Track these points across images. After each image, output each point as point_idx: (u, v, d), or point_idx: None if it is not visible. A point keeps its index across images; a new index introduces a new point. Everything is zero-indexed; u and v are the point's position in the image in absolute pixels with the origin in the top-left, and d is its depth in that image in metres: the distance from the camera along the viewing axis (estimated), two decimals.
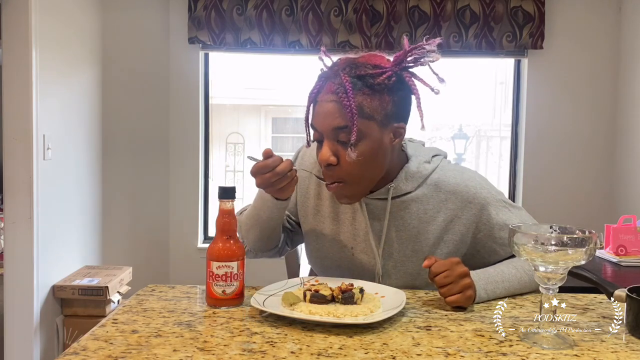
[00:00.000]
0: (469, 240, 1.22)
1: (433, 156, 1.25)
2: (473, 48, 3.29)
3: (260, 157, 1.09)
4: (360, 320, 0.94)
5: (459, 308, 1.07)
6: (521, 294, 1.17)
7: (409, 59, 1.08)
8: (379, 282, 1.22)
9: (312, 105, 1.12)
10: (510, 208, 1.23)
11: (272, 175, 1.07)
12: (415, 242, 1.20)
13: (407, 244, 1.20)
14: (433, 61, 1.07)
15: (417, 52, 1.07)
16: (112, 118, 3.37)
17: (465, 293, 1.05)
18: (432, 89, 1.07)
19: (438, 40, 1.07)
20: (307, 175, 1.29)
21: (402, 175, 1.19)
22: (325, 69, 1.13)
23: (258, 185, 1.11)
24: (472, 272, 1.09)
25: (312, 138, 1.14)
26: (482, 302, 1.10)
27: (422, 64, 1.07)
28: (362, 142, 1.07)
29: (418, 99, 1.09)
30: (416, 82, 1.09)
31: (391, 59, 1.11)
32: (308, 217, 1.30)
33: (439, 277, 1.06)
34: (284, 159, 1.09)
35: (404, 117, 1.14)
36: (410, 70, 1.09)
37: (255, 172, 1.09)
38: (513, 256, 1.22)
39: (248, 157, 1.10)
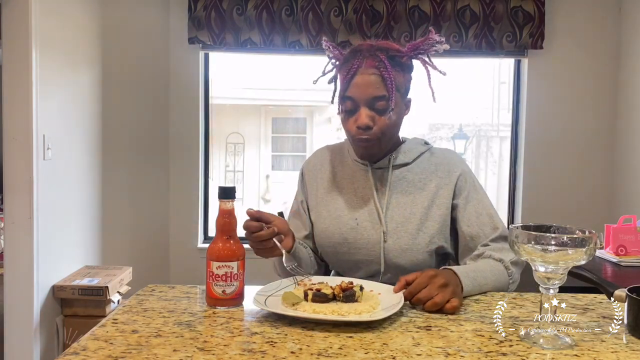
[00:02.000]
0: (451, 203, 1.38)
1: (425, 143, 1.48)
2: (473, 48, 3.29)
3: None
4: (365, 317, 0.95)
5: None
6: (495, 288, 1.20)
7: (422, 46, 1.31)
8: (384, 242, 1.33)
9: (351, 78, 1.29)
10: (480, 191, 1.40)
11: (251, 239, 1.18)
12: (412, 206, 1.36)
13: (405, 207, 1.36)
14: (445, 50, 1.30)
15: (430, 41, 1.30)
16: (112, 118, 3.37)
17: (458, 294, 1.07)
18: (441, 72, 1.32)
19: (445, 44, 1.30)
20: (310, 177, 1.48)
21: (401, 149, 1.41)
22: (331, 55, 1.37)
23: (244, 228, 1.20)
24: (447, 267, 1.16)
25: (345, 108, 1.32)
26: (470, 294, 1.14)
27: (435, 51, 1.31)
28: (394, 109, 1.30)
29: (429, 78, 1.33)
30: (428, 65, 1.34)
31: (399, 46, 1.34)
32: (315, 208, 1.45)
33: (422, 293, 1.04)
34: (271, 223, 1.19)
35: (409, 92, 1.38)
36: (421, 56, 1.32)
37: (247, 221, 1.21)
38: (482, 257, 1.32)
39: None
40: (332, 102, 1.37)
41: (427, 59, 1.32)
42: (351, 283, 1.07)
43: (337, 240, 1.38)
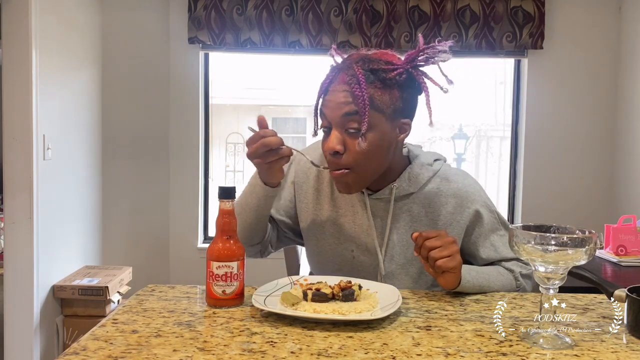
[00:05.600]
0: (461, 241, 1.26)
1: (435, 160, 1.28)
2: (473, 48, 3.29)
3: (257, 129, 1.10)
4: (366, 316, 0.95)
5: (448, 296, 1.08)
6: (498, 291, 1.19)
7: (420, 57, 1.10)
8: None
9: (323, 95, 1.13)
10: (499, 225, 1.28)
11: (261, 145, 1.06)
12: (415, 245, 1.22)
13: (409, 246, 1.22)
14: (444, 61, 1.10)
15: (429, 51, 1.09)
16: (112, 118, 3.37)
17: (455, 257, 1.08)
18: (442, 88, 1.10)
19: (450, 42, 1.09)
20: (303, 180, 1.31)
21: (405, 176, 1.22)
22: (336, 64, 1.15)
23: (248, 156, 1.10)
24: None
25: (319, 126, 1.16)
26: (468, 292, 1.14)
27: (433, 63, 1.10)
28: (370, 133, 1.10)
29: (427, 96, 1.11)
30: (426, 80, 1.12)
31: (402, 57, 1.14)
32: (307, 221, 1.30)
33: (429, 241, 1.07)
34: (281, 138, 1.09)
35: (410, 113, 1.16)
36: (421, 68, 1.12)
37: (248, 142, 1.09)
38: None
39: (248, 127, 1.10)
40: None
41: (425, 73, 1.11)
42: (350, 282, 1.07)
43: (331, 268, 1.27)
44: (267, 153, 1.07)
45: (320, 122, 1.16)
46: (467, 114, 4.45)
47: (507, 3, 3.28)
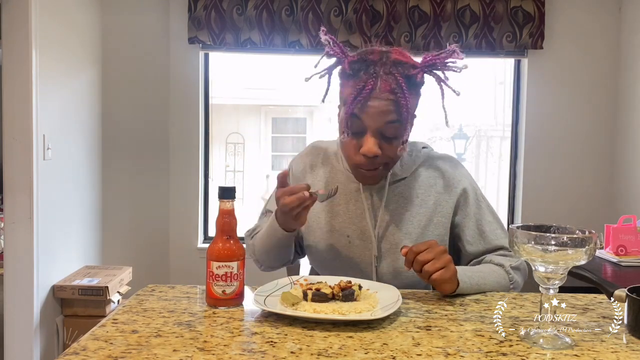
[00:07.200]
0: (450, 221, 1.31)
1: (422, 148, 1.38)
2: (473, 48, 3.29)
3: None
4: (366, 316, 0.95)
5: (448, 297, 1.09)
6: (495, 290, 1.20)
7: (439, 62, 1.16)
8: (375, 265, 1.28)
9: (364, 101, 1.14)
10: (485, 210, 1.33)
11: (296, 199, 1.12)
12: (407, 225, 1.28)
13: (400, 226, 1.28)
14: (459, 69, 1.16)
15: (448, 57, 1.16)
16: (112, 118, 3.37)
17: (449, 267, 1.09)
18: (454, 91, 1.17)
19: (464, 61, 1.17)
20: (300, 180, 1.37)
21: (398, 163, 1.30)
22: (331, 52, 1.18)
23: (282, 207, 1.15)
24: None
25: (351, 129, 1.17)
26: (466, 293, 1.14)
27: (448, 69, 1.16)
28: (405, 139, 1.20)
29: (443, 97, 1.18)
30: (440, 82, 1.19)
31: (413, 57, 1.21)
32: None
33: (421, 255, 1.09)
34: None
35: (417, 109, 1.25)
36: (437, 72, 1.17)
37: (279, 193, 1.16)
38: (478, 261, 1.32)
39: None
40: (323, 101, 1.21)
41: (442, 76, 1.17)
42: (350, 282, 1.07)
43: (328, 256, 1.32)
44: (298, 207, 1.14)
45: (350, 124, 1.17)
46: (467, 114, 4.46)
47: (507, 3, 3.28)
